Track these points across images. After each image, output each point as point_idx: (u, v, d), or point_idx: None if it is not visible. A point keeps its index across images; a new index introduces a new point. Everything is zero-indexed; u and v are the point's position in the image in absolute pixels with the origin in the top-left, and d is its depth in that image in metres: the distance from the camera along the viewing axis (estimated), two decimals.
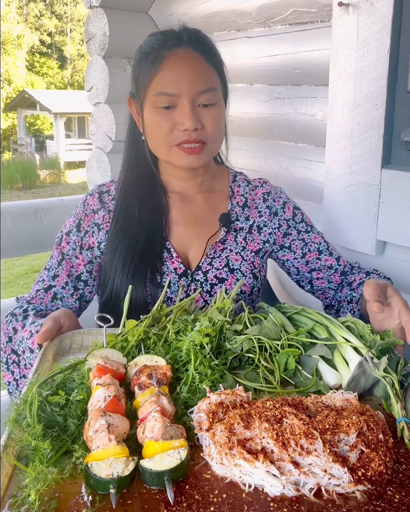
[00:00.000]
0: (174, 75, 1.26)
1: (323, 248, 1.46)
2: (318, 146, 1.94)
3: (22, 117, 25.42)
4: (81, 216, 1.43)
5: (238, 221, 1.43)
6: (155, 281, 1.34)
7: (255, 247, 1.43)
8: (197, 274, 1.37)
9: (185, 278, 1.37)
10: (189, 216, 1.43)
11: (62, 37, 32.36)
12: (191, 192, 1.44)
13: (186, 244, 1.40)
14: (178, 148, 1.30)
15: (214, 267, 1.38)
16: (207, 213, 1.43)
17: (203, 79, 1.28)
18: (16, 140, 24.59)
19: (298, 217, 1.48)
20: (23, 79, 28.30)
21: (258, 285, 1.43)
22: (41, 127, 26.75)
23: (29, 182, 17.24)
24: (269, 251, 1.47)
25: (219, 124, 1.32)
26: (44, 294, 1.42)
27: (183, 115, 1.26)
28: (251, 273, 1.40)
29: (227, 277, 1.37)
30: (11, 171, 17.26)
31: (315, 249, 1.46)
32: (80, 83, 30.51)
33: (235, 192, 1.46)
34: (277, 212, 1.46)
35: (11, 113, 26.48)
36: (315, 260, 1.46)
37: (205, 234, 1.40)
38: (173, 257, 1.37)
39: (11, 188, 16.91)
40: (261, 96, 2.18)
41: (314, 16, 1.85)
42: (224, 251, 1.40)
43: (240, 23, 2.18)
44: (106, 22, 2.48)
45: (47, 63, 31.53)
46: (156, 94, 1.28)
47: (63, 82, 31.87)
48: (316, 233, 1.49)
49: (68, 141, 22.61)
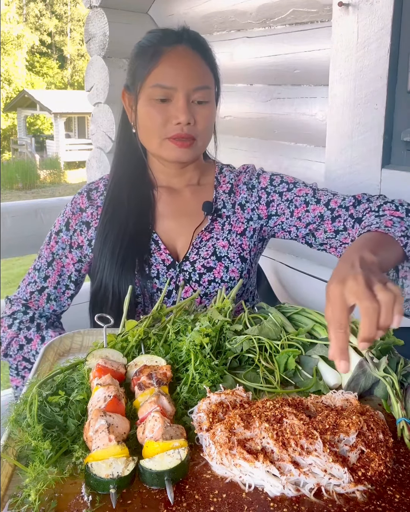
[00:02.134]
0: (172, 69, 1.29)
1: (309, 198, 1.37)
2: (318, 146, 1.94)
3: (22, 117, 25.42)
4: (69, 215, 1.45)
5: (225, 208, 1.43)
6: (144, 272, 1.35)
7: (240, 227, 1.42)
8: (185, 265, 1.38)
9: (173, 269, 1.38)
10: (176, 208, 1.44)
11: (62, 37, 32.36)
12: (178, 185, 1.46)
13: (174, 236, 1.42)
14: (169, 141, 1.32)
15: (201, 257, 1.39)
16: (193, 205, 1.44)
17: (200, 77, 1.31)
18: (16, 140, 24.60)
19: (276, 181, 1.42)
20: (23, 79, 28.30)
21: (247, 267, 1.42)
22: (41, 127, 26.75)
23: (29, 182, 17.24)
24: (257, 228, 1.43)
25: (210, 122, 1.36)
26: (39, 296, 1.44)
27: (177, 109, 1.29)
28: (239, 256, 1.40)
29: (215, 266, 1.38)
30: (11, 171, 17.26)
31: (301, 203, 1.37)
32: (80, 83, 30.51)
33: (221, 181, 1.47)
34: (253, 186, 1.44)
35: (11, 113, 26.49)
36: (305, 213, 1.37)
37: (191, 225, 1.40)
38: (161, 248, 1.39)
39: (11, 188, 16.91)
40: (261, 96, 2.18)
41: (314, 16, 1.85)
42: (211, 239, 1.40)
43: (240, 23, 2.18)
44: (106, 22, 2.49)
45: (47, 63, 31.53)
46: (152, 86, 1.30)
47: (63, 82, 31.87)
48: (302, 186, 1.40)
49: (68, 141, 22.61)
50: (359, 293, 0.84)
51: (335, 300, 0.86)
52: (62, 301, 1.47)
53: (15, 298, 1.46)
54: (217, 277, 1.38)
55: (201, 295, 1.38)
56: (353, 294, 0.85)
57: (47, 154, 22.73)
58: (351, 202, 1.33)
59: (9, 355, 1.39)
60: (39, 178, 18.31)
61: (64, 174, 19.69)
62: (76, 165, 21.25)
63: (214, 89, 1.37)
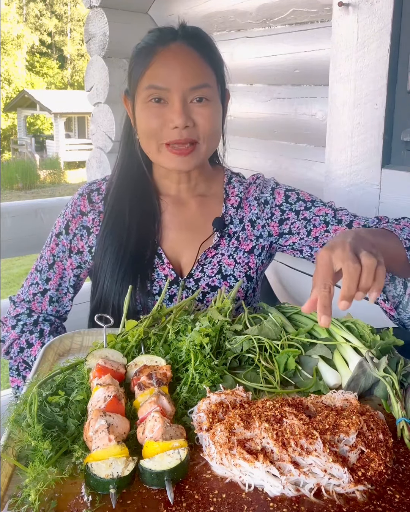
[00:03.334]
0: (165, 69, 1.23)
1: (329, 219, 1.33)
2: (318, 146, 1.94)
3: (22, 117, 25.43)
4: (69, 217, 1.39)
5: (232, 224, 1.38)
6: (145, 289, 1.30)
7: (248, 245, 1.37)
8: (189, 282, 1.33)
9: (177, 285, 1.33)
10: (182, 221, 1.38)
11: (62, 37, 32.36)
12: (184, 195, 1.40)
13: (178, 250, 1.36)
14: (167, 149, 1.25)
15: (205, 275, 1.34)
16: (200, 218, 1.38)
17: (196, 75, 1.23)
18: (16, 140, 24.60)
19: (291, 198, 1.37)
20: (23, 79, 28.31)
21: (253, 286, 1.38)
22: (41, 127, 26.75)
23: (29, 182, 17.25)
24: (267, 246, 1.39)
25: (212, 122, 1.26)
26: (42, 298, 1.42)
27: (173, 112, 1.22)
28: (245, 275, 1.35)
29: (220, 285, 1.33)
30: (11, 171, 17.27)
31: (320, 223, 1.33)
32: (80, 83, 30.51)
33: (230, 194, 1.41)
34: (266, 201, 1.38)
35: (11, 113, 26.49)
36: (324, 233, 1.33)
37: (197, 240, 1.35)
38: (164, 263, 1.33)
39: (11, 188, 16.91)
40: (261, 96, 2.18)
41: (314, 16, 1.85)
42: (215, 256, 1.35)
43: (240, 23, 2.18)
44: (106, 22, 2.49)
45: (47, 63, 31.54)
46: (146, 88, 1.24)
47: (63, 82, 31.87)
48: (321, 205, 1.36)
49: (68, 141, 22.61)
50: (344, 257, 0.89)
51: (322, 264, 0.91)
52: (64, 302, 1.45)
53: (18, 300, 1.45)
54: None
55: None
56: (339, 259, 0.90)
57: (47, 154, 22.74)
58: (374, 223, 1.30)
59: (10, 356, 1.39)
60: (39, 178, 18.31)
61: (64, 174, 19.69)
62: (76, 165, 21.25)
63: (216, 87, 1.28)
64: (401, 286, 1.25)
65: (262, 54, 2.12)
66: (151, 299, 1.31)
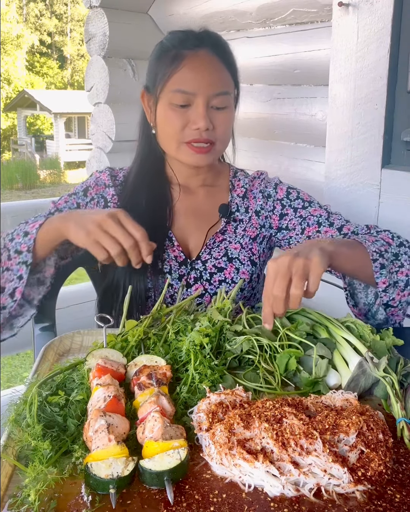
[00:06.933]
0: (194, 74, 1.30)
1: (322, 220, 1.40)
2: (318, 146, 1.94)
3: (22, 117, 25.43)
4: (91, 184, 1.44)
5: (238, 212, 1.46)
6: (157, 267, 1.37)
7: (253, 232, 1.45)
8: (197, 263, 1.41)
9: (185, 266, 1.40)
10: (191, 208, 1.46)
11: (62, 37, 32.37)
12: (193, 185, 1.48)
13: (187, 234, 1.44)
14: (187, 146, 1.33)
15: (212, 257, 1.42)
16: (207, 205, 1.47)
17: (220, 82, 1.32)
18: (16, 140, 24.60)
19: (292, 195, 1.45)
20: (23, 79, 28.31)
21: (257, 271, 1.45)
22: (41, 127, 26.76)
23: (29, 182, 17.25)
24: (267, 236, 1.47)
25: (229, 127, 1.38)
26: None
27: (197, 115, 1.30)
28: (249, 260, 1.43)
29: (226, 266, 1.41)
30: (11, 171, 17.26)
31: (314, 223, 1.40)
32: (80, 83, 30.52)
33: (235, 185, 1.49)
34: (269, 195, 1.47)
35: (11, 113, 26.49)
36: (315, 233, 1.40)
37: (205, 225, 1.43)
38: (174, 245, 1.41)
39: (11, 188, 16.91)
40: (261, 96, 2.18)
41: (314, 16, 1.85)
42: (223, 241, 1.43)
43: (240, 23, 2.18)
44: (106, 22, 2.49)
45: (47, 63, 31.55)
46: (173, 91, 1.30)
47: (63, 82, 31.89)
48: (317, 207, 1.43)
49: (68, 141, 22.61)
50: (278, 260, 1.00)
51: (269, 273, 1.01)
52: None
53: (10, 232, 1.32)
54: (227, 277, 1.40)
55: (211, 294, 1.40)
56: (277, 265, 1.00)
57: (47, 154, 22.74)
58: (363, 230, 1.36)
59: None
60: (39, 178, 18.31)
61: (64, 174, 19.68)
62: (76, 165, 21.25)
63: (233, 94, 1.38)
64: (372, 296, 1.28)
65: (262, 54, 2.12)
66: (162, 277, 1.38)
